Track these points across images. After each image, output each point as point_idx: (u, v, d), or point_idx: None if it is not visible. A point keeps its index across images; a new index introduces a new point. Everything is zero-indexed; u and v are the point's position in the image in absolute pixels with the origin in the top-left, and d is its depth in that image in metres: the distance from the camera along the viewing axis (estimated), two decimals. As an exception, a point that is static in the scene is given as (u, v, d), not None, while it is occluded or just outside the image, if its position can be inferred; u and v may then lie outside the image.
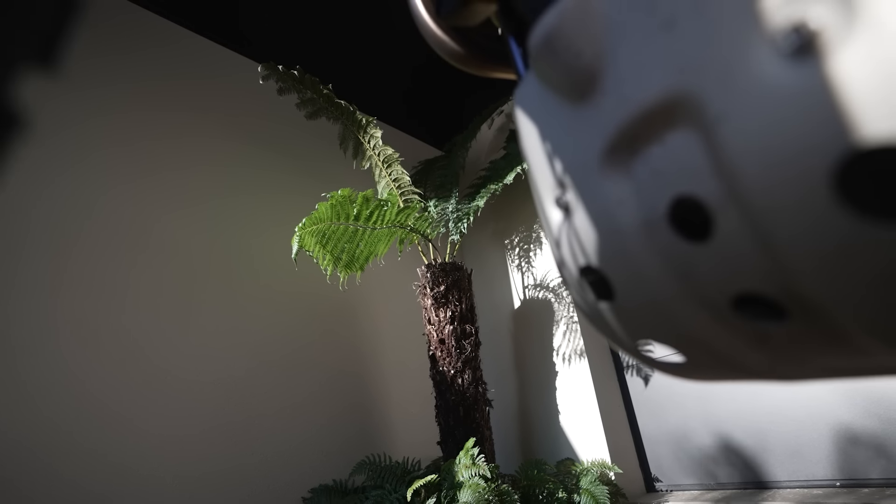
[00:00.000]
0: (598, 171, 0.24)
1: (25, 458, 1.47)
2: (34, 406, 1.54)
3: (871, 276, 0.14)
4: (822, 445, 1.76)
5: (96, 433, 1.62)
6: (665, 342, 0.25)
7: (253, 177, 2.49)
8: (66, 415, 1.59)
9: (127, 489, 1.62)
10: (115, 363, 1.74)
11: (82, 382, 1.65)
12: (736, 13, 0.16)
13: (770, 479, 1.88)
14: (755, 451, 1.94)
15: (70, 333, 1.68)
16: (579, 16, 0.22)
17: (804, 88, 0.14)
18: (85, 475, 1.56)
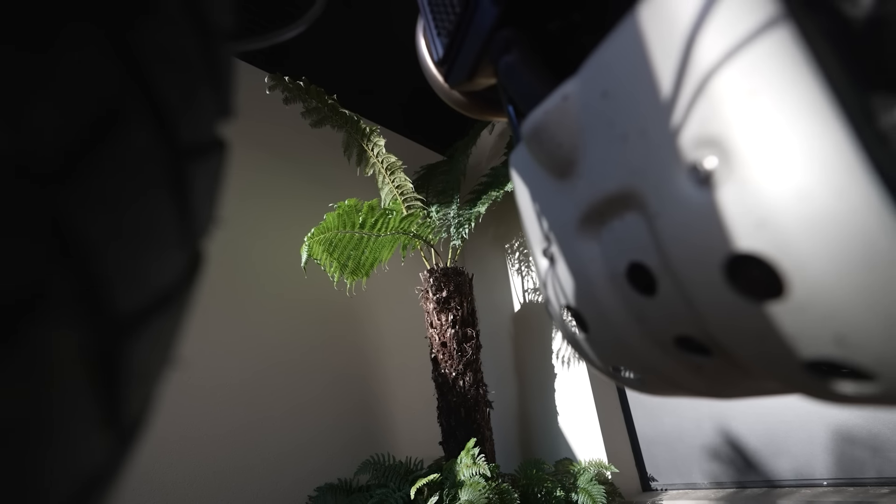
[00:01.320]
0: (574, 234, 0.30)
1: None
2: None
3: (751, 334, 0.21)
4: (814, 445, 1.82)
5: (112, 433, 1.69)
6: (628, 367, 0.32)
7: (260, 182, 2.55)
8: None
9: (137, 489, 1.68)
10: (129, 366, 1.80)
11: (99, 385, 1.71)
12: (666, 145, 0.22)
13: (762, 478, 1.94)
14: (748, 450, 2.01)
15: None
16: (560, 117, 0.29)
17: (706, 207, 0.20)
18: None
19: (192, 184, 0.14)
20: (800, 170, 0.17)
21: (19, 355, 0.09)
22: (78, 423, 0.10)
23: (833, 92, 0.17)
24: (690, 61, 0.20)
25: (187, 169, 0.14)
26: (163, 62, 0.13)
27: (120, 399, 0.12)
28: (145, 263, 0.12)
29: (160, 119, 0.13)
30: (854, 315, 0.17)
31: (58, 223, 0.10)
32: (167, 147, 0.13)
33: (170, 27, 0.14)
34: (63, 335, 0.10)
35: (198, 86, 0.15)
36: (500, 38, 0.33)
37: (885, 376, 0.18)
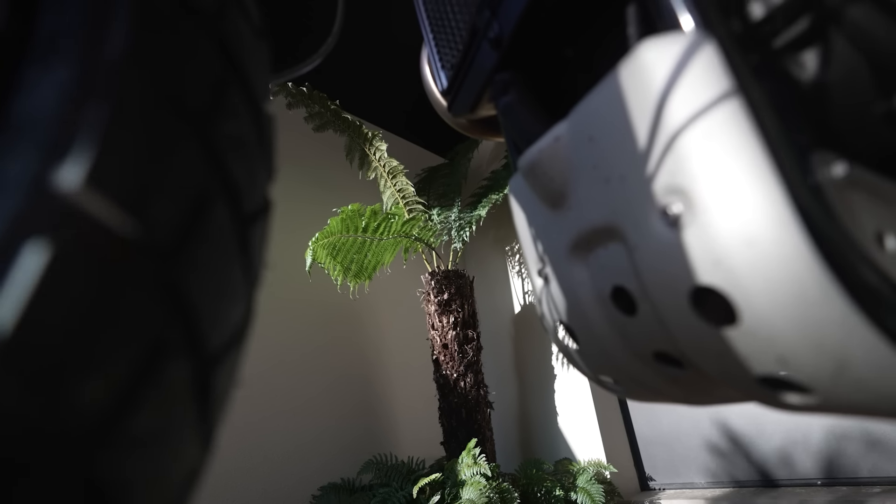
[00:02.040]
0: (565, 258, 0.34)
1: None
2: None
3: (712, 353, 0.24)
4: (808, 444, 1.85)
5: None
6: (614, 377, 0.35)
7: (264, 188, 2.58)
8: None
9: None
10: (137, 368, 1.84)
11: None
12: (642, 190, 0.26)
13: (758, 477, 1.98)
14: (744, 450, 2.04)
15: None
16: (552, 155, 0.32)
17: (675, 244, 0.24)
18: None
19: (253, 243, 0.18)
20: (746, 221, 0.21)
21: (160, 386, 0.12)
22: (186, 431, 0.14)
23: (773, 155, 0.21)
24: (661, 121, 0.24)
25: (249, 232, 0.17)
26: (234, 150, 0.17)
27: (208, 413, 0.15)
28: (225, 311, 0.16)
29: (233, 196, 0.16)
30: (790, 341, 0.21)
31: (174, 288, 0.14)
32: (238, 218, 0.17)
33: (236, 120, 0.17)
34: (180, 370, 0.13)
35: (256, 163, 0.18)
36: (500, 81, 0.36)
37: (819, 391, 0.22)
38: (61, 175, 0.13)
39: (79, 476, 0.11)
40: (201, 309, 0.14)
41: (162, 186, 0.14)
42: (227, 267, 0.16)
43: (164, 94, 0.15)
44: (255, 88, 0.20)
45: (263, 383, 2.16)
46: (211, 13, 0.19)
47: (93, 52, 0.15)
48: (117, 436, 0.12)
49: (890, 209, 0.23)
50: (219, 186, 0.16)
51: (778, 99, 0.24)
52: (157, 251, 0.13)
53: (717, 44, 0.23)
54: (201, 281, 0.14)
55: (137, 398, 0.12)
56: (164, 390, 0.13)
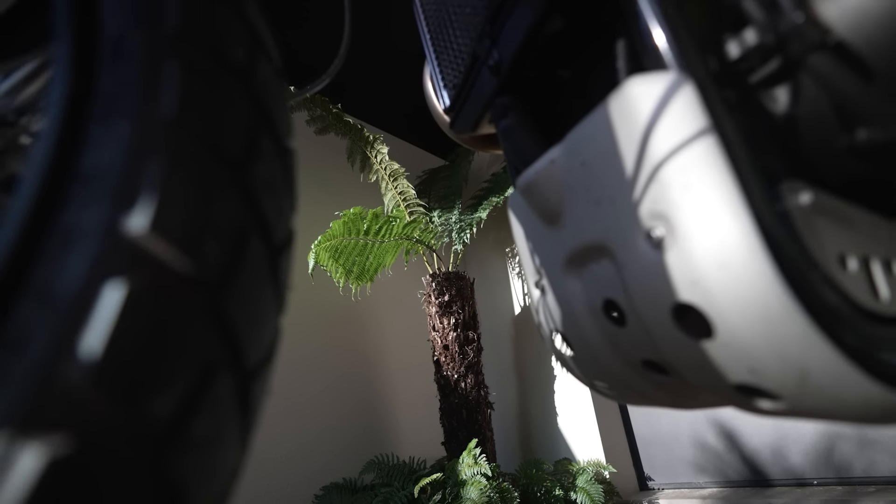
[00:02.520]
0: (561, 272, 0.36)
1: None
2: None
3: (693, 363, 0.27)
4: (804, 445, 1.88)
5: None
6: (606, 382, 0.37)
7: (266, 190, 2.61)
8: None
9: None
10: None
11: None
12: (629, 213, 0.28)
13: (756, 477, 2.00)
14: (741, 451, 2.07)
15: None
16: (547, 177, 0.35)
17: (658, 264, 0.26)
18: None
19: (281, 271, 0.20)
20: (720, 246, 0.23)
21: (213, 400, 0.15)
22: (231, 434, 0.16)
23: (743, 187, 0.23)
24: (646, 152, 0.26)
25: (279, 262, 0.20)
26: (265, 189, 0.19)
27: (247, 420, 0.18)
28: (260, 333, 0.18)
29: (265, 231, 0.19)
30: (759, 354, 0.23)
31: (221, 315, 0.16)
32: (269, 250, 0.19)
33: (266, 162, 0.20)
34: (226, 385, 0.16)
35: (283, 198, 0.21)
36: (500, 105, 0.39)
37: (786, 398, 0.24)
38: (130, 222, 0.15)
39: (151, 469, 0.14)
40: (242, 332, 0.17)
41: (210, 228, 0.16)
42: (261, 294, 0.18)
43: (209, 145, 0.18)
44: (281, 129, 0.22)
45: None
46: (243, 66, 0.21)
47: (148, 111, 0.17)
48: (179, 438, 0.14)
49: (852, 232, 0.26)
50: (254, 224, 0.18)
51: (754, 130, 0.26)
52: (207, 284, 0.16)
53: (695, 84, 0.25)
54: (242, 308, 0.17)
55: (194, 408, 0.15)
56: (214, 401, 0.15)
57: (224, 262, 0.16)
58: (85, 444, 0.13)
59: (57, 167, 0.16)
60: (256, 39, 0.23)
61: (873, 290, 0.25)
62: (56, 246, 0.15)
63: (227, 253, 0.17)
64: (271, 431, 2.11)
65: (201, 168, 0.17)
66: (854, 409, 0.23)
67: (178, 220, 0.16)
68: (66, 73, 0.18)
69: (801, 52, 0.24)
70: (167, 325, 0.15)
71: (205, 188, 0.17)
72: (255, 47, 0.22)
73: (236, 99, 0.20)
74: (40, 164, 0.16)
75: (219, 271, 0.16)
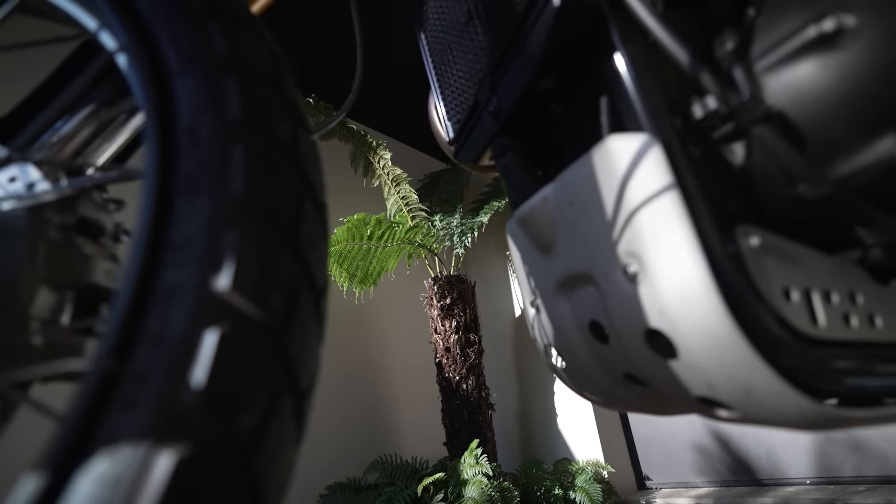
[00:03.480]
0: (553, 294, 0.41)
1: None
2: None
3: (663, 378, 0.31)
4: (797, 446, 1.92)
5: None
6: (593, 391, 0.42)
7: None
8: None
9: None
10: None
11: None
12: (610, 249, 0.33)
13: (750, 477, 2.05)
14: (736, 452, 2.11)
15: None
16: (541, 212, 0.40)
17: (634, 295, 0.31)
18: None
19: (322, 311, 0.25)
20: (680, 283, 0.28)
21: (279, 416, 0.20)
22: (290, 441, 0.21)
23: (700, 233, 0.28)
24: (622, 200, 0.31)
25: (321, 303, 0.25)
26: (310, 246, 0.24)
27: (300, 430, 0.22)
28: (308, 362, 0.23)
29: (312, 280, 0.24)
30: (713, 373, 0.28)
31: (284, 352, 0.21)
32: (314, 295, 0.24)
33: (311, 223, 0.25)
34: (287, 404, 0.21)
35: (322, 250, 0.25)
36: (499, 145, 0.43)
37: (737, 409, 0.29)
38: (217, 282, 0.20)
39: (239, 468, 0.18)
40: (298, 363, 0.22)
41: (273, 283, 0.21)
42: (310, 332, 0.23)
43: (269, 214, 0.22)
44: (318, 189, 0.27)
45: (272, 386, 2.23)
46: (289, 141, 0.26)
47: (223, 189, 0.22)
48: (258, 445, 0.19)
49: (796, 268, 0.31)
50: (304, 275, 0.23)
51: (716, 178, 0.31)
52: (273, 328, 0.20)
53: (663, 146, 0.30)
54: (297, 344, 0.22)
55: (267, 422, 0.20)
56: (280, 417, 0.20)
57: (284, 309, 0.21)
58: (198, 450, 0.17)
59: (156, 238, 0.21)
60: (296, 114, 0.28)
61: (813, 318, 0.30)
62: (163, 301, 0.20)
63: (286, 302, 0.21)
64: (277, 432, 2.16)
65: (264, 235, 0.22)
66: (792, 419, 0.28)
67: (250, 279, 0.20)
68: (154, 158, 0.23)
69: (748, 122, 0.28)
70: (248, 360, 0.19)
71: (268, 251, 0.21)
72: (296, 121, 0.27)
73: (286, 171, 0.25)
74: (143, 236, 0.21)
75: (281, 317, 0.21)
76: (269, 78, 0.27)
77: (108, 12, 0.29)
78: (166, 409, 0.17)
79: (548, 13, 0.33)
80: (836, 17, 0.26)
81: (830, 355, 0.29)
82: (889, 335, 0.32)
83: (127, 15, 0.28)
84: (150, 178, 0.22)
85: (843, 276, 0.32)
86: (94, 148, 0.38)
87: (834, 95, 0.26)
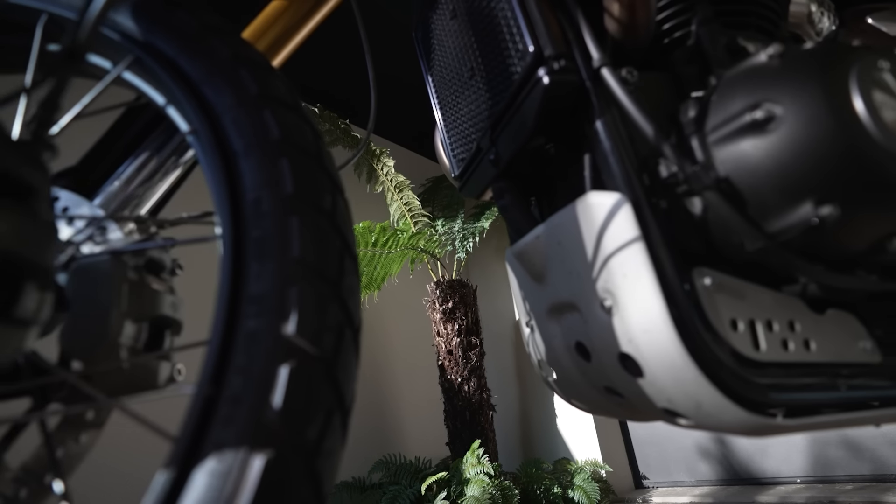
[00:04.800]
0: (545, 317, 0.47)
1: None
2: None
3: (634, 392, 0.38)
4: (789, 446, 1.98)
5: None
6: (579, 400, 0.49)
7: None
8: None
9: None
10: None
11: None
12: (591, 286, 0.39)
13: (745, 475, 2.11)
14: (730, 451, 2.18)
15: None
16: (534, 248, 0.46)
17: (609, 324, 0.38)
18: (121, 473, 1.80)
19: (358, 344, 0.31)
20: (644, 317, 0.34)
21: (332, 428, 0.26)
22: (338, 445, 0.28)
23: (660, 276, 0.34)
24: (599, 246, 0.38)
25: (358, 338, 0.31)
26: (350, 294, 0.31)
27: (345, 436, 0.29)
28: (351, 384, 0.29)
29: (352, 321, 0.30)
30: (671, 390, 0.34)
31: (334, 379, 0.27)
32: (353, 331, 0.30)
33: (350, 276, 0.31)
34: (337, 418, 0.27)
35: (358, 295, 0.32)
36: (498, 188, 0.50)
37: (692, 418, 0.35)
38: (286, 328, 0.26)
39: (306, 468, 0.25)
40: (343, 387, 0.28)
41: (325, 327, 0.28)
42: (351, 362, 0.30)
43: (320, 273, 0.29)
44: (353, 246, 0.34)
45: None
46: (330, 209, 0.32)
47: (285, 253, 0.28)
48: (320, 450, 0.26)
49: (743, 302, 0.37)
50: (346, 319, 0.30)
51: (680, 225, 0.37)
52: (326, 361, 0.27)
53: (632, 205, 0.36)
54: (343, 372, 0.28)
55: (324, 433, 0.26)
56: (333, 428, 0.27)
57: (333, 346, 0.28)
58: (278, 453, 0.24)
59: (237, 293, 0.27)
60: (334, 184, 0.34)
61: (756, 344, 0.36)
62: (247, 343, 0.26)
63: (335, 340, 0.28)
64: (285, 433, 2.23)
65: (317, 289, 0.28)
66: (734, 428, 0.34)
67: (309, 325, 0.27)
68: (228, 227, 0.29)
69: (700, 188, 0.35)
70: (310, 387, 0.26)
71: (320, 302, 0.28)
72: (335, 190, 0.34)
73: (330, 235, 0.31)
74: (226, 291, 0.27)
75: (331, 352, 0.28)
76: (312, 155, 0.33)
77: (179, 95, 0.36)
78: (255, 423, 0.24)
79: (539, 87, 0.39)
80: (766, 106, 0.33)
81: (769, 375, 0.36)
82: (822, 357, 0.39)
83: (196, 100, 0.35)
84: (227, 243, 0.29)
85: (784, 308, 0.39)
86: (162, 198, 0.45)
87: (765, 169, 0.33)
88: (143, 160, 0.47)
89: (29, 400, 0.36)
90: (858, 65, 0.33)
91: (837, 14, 0.59)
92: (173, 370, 0.40)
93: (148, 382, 0.37)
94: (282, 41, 0.58)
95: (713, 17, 0.45)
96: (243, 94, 0.34)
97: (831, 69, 0.33)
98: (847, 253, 0.35)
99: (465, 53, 0.52)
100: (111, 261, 0.36)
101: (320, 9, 0.63)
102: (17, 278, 0.25)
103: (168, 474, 0.23)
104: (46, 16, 0.40)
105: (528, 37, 0.39)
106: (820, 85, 0.32)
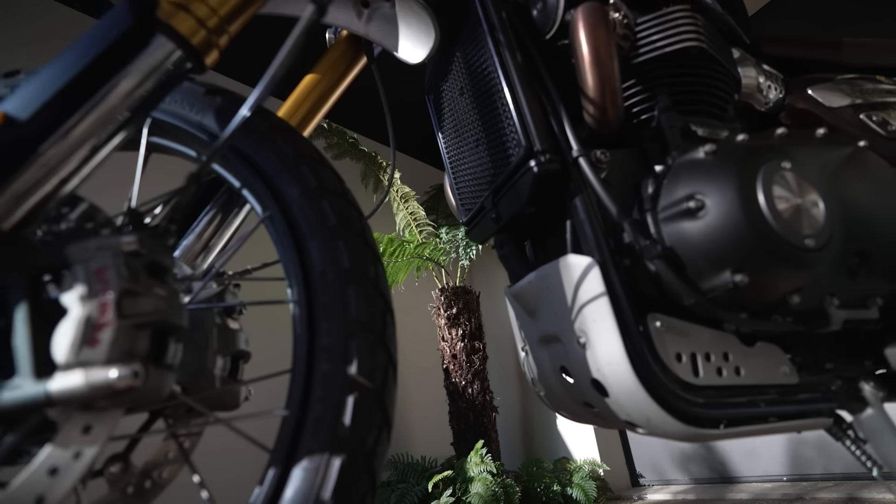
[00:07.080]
0: (536, 344, 0.59)
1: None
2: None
3: (604, 409, 0.49)
4: (775, 446, 2.10)
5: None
6: (565, 411, 0.60)
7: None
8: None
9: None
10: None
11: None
12: (569, 325, 0.50)
13: (733, 474, 2.22)
14: (722, 451, 2.29)
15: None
16: (527, 290, 0.57)
17: (583, 357, 0.49)
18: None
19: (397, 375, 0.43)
20: (607, 351, 0.46)
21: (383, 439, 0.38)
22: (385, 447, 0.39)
23: (620, 321, 0.45)
24: (576, 296, 0.49)
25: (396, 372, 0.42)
26: (391, 340, 0.42)
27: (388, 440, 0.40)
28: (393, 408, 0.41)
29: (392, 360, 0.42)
30: (628, 408, 0.45)
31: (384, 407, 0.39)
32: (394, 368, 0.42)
33: (390, 328, 0.43)
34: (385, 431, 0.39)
35: (395, 340, 0.43)
36: (499, 240, 0.61)
37: (646, 429, 0.46)
38: (350, 369, 0.38)
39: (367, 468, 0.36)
40: (389, 410, 0.39)
41: (376, 367, 0.39)
42: (393, 391, 0.41)
43: (370, 328, 0.40)
44: (391, 303, 0.45)
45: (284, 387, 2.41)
46: (375, 276, 0.44)
47: (346, 315, 0.40)
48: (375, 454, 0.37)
49: (686, 339, 0.48)
50: (388, 359, 0.41)
51: (641, 279, 0.48)
52: (377, 392, 0.39)
53: (600, 267, 0.47)
54: (388, 399, 0.40)
55: (378, 442, 0.38)
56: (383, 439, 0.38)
57: (382, 380, 0.39)
58: (349, 457, 0.35)
59: (312, 345, 0.39)
60: (375, 255, 0.45)
61: (696, 372, 0.47)
62: (323, 380, 0.37)
63: (383, 376, 0.39)
64: (298, 434, 2.34)
65: (369, 339, 0.40)
66: (676, 436, 0.45)
67: (366, 366, 0.38)
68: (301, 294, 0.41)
69: (650, 256, 0.46)
70: (368, 410, 0.37)
71: (372, 349, 0.40)
72: (376, 260, 0.45)
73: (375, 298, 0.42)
74: (304, 343, 0.39)
75: (381, 385, 0.39)
76: (359, 234, 0.45)
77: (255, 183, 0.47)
78: (333, 436, 0.35)
79: (530, 174, 0.51)
80: (699, 197, 0.44)
81: (705, 395, 0.47)
82: (750, 380, 0.50)
83: (268, 188, 0.46)
84: (303, 306, 0.40)
85: (720, 342, 0.50)
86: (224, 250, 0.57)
87: (697, 245, 0.44)
88: (209, 218, 0.58)
89: (146, 415, 0.47)
90: (765, 165, 0.44)
91: (783, 83, 0.70)
92: (248, 393, 0.51)
93: (232, 403, 0.49)
94: (314, 111, 0.70)
95: (671, 106, 0.56)
96: (306, 187, 0.46)
97: (745, 169, 0.44)
98: (762, 305, 0.46)
99: (471, 126, 0.63)
100: (205, 311, 0.47)
101: (346, 78, 0.74)
102: (165, 336, 0.36)
103: (274, 471, 0.34)
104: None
105: (521, 133, 0.51)
106: (735, 182, 0.43)
